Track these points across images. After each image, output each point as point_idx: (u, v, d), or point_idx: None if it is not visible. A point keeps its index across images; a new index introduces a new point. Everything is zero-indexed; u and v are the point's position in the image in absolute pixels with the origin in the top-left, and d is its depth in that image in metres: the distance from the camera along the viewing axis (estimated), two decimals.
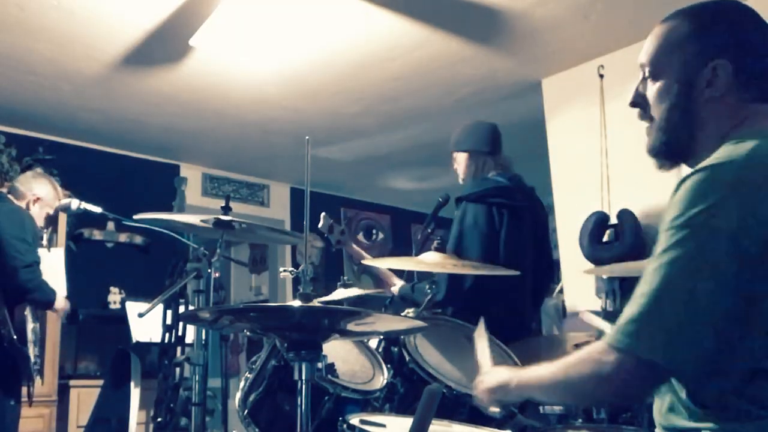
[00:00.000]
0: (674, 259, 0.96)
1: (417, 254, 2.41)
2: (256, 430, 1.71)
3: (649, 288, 0.98)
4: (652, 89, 1.17)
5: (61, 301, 2.89)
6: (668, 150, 1.18)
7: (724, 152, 1.02)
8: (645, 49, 1.19)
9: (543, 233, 2.83)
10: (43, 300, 2.77)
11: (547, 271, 2.85)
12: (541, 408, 2.05)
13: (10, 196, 2.87)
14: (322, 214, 2.95)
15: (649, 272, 0.99)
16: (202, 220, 2.21)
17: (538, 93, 4.03)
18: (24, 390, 2.81)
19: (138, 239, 4.83)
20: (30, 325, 2.79)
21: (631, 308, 0.99)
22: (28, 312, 2.81)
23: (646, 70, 1.19)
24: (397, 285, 2.76)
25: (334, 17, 3.23)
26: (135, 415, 3.68)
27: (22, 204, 2.86)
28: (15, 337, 2.65)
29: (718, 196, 0.95)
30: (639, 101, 1.20)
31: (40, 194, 2.94)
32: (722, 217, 0.94)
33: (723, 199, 0.95)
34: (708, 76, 1.11)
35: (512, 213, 2.59)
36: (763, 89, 1.13)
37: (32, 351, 2.76)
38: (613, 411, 1.81)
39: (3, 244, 2.63)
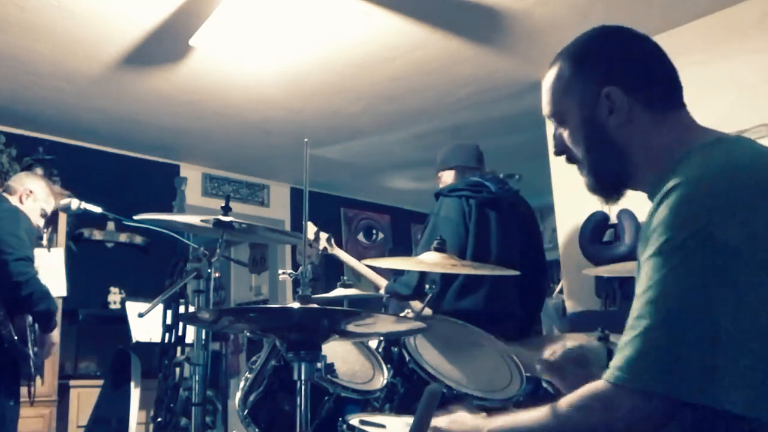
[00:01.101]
0: (679, 283, 0.90)
1: (417, 254, 2.42)
2: (256, 430, 1.71)
3: (656, 318, 0.91)
4: (566, 135, 1.18)
5: (55, 333, 2.86)
6: (606, 185, 1.17)
7: (698, 162, 0.98)
8: (544, 100, 1.20)
9: (530, 232, 2.84)
10: (39, 298, 2.65)
11: (538, 270, 2.83)
12: None
13: (5, 194, 2.88)
14: (308, 222, 2.97)
15: (649, 300, 0.92)
16: (202, 220, 2.21)
17: (538, 93, 4.02)
18: (24, 390, 2.81)
19: (138, 239, 4.83)
20: (29, 326, 2.78)
21: (641, 343, 0.92)
22: None
23: (554, 119, 1.19)
24: (383, 285, 2.79)
25: (334, 17, 3.23)
26: (135, 415, 3.68)
27: (15, 199, 2.86)
28: (16, 337, 2.65)
29: (714, 209, 0.91)
30: (562, 149, 1.20)
31: (32, 188, 2.93)
32: (722, 231, 0.89)
33: (719, 211, 0.91)
34: (606, 106, 1.10)
35: (480, 205, 2.63)
36: (670, 95, 1.11)
37: (32, 350, 2.76)
38: None
39: None
